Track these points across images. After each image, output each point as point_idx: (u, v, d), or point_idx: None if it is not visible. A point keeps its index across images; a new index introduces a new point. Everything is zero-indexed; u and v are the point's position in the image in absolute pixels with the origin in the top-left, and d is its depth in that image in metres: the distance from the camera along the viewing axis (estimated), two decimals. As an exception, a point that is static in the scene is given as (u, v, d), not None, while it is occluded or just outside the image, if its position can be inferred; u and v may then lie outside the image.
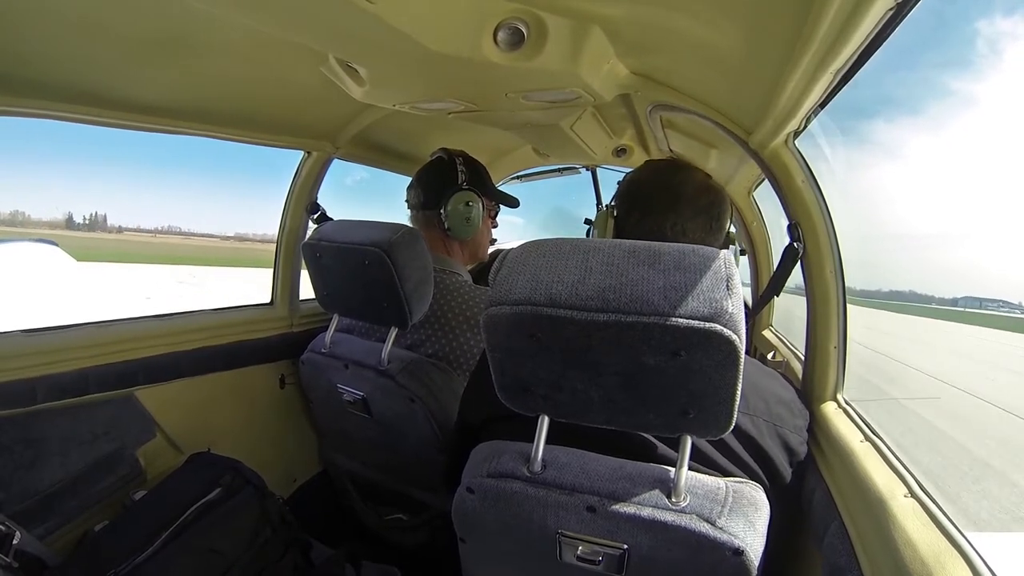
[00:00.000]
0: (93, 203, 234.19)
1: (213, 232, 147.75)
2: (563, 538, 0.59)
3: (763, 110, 0.73)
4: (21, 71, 0.82)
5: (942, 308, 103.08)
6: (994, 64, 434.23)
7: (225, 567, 0.91)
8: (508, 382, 0.60)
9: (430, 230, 1.28)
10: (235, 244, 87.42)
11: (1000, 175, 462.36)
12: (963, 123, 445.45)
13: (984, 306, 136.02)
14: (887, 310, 58.89)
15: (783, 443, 0.68)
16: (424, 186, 1.27)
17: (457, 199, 1.24)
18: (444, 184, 1.25)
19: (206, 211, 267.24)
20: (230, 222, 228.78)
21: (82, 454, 1.03)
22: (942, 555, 0.48)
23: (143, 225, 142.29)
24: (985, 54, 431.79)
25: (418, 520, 1.25)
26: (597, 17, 0.70)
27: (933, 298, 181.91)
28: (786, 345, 1.58)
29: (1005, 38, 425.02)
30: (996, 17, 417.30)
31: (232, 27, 0.77)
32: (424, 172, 1.29)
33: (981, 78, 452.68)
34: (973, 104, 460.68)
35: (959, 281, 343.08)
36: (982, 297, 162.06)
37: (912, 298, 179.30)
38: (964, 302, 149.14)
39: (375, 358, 1.07)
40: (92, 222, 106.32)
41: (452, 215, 1.24)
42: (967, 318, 49.54)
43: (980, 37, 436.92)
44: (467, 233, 1.28)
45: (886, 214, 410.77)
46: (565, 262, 0.55)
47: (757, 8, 0.57)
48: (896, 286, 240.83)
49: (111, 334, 1.10)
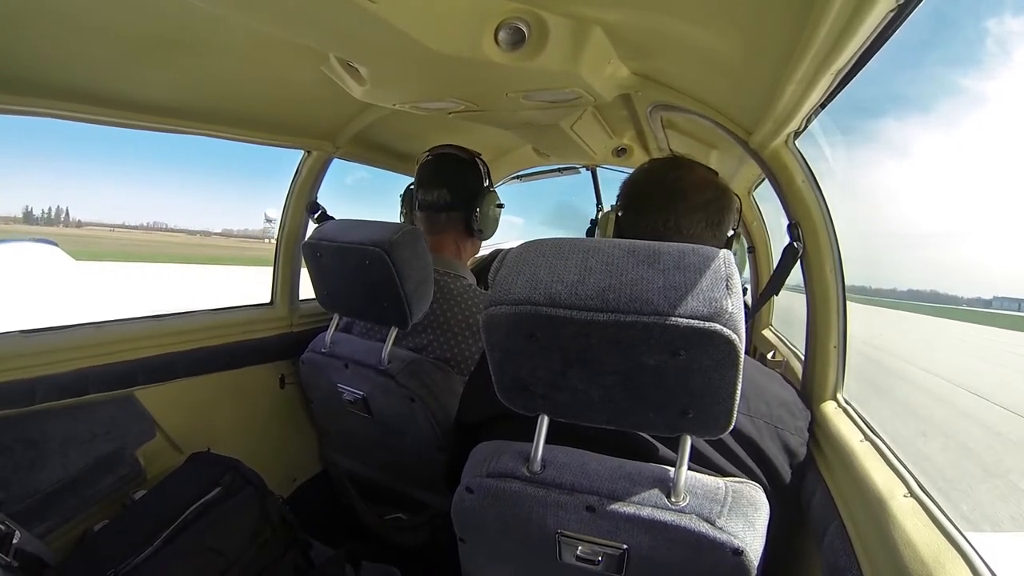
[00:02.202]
0: (56, 197, 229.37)
1: (180, 227, 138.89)
2: (562, 538, 0.59)
3: (763, 110, 0.73)
4: (21, 70, 0.82)
5: (973, 310, 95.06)
6: (998, 63, 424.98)
7: (225, 567, 0.91)
8: (507, 382, 0.60)
9: (448, 231, 1.26)
10: (200, 240, 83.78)
11: (1012, 171, 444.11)
12: (966, 122, 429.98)
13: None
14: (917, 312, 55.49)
15: (783, 445, 0.68)
16: (451, 186, 1.23)
17: (489, 200, 1.25)
18: (475, 185, 1.25)
19: (176, 206, 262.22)
20: (199, 218, 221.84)
21: (82, 454, 1.03)
22: (941, 555, 0.48)
23: (106, 220, 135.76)
24: (992, 52, 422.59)
25: (418, 520, 1.25)
26: (598, 18, 0.70)
27: (962, 299, 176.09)
28: (786, 344, 1.58)
29: (1011, 37, 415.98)
30: (996, 17, 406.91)
31: (232, 27, 0.77)
32: (447, 172, 1.25)
33: (987, 76, 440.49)
34: (980, 102, 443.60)
35: (980, 281, 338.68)
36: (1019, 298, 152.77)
37: (931, 298, 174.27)
38: (998, 303, 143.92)
39: (375, 357, 1.07)
40: (54, 217, 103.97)
41: (485, 217, 1.25)
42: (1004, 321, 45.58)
43: (988, 36, 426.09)
44: (492, 233, 1.30)
45: (886, 214, 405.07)
46: (564, 262, 0.55)
47: (758, 10, 0.57)
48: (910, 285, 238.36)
49: (110, 334, 1.10)
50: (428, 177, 1.25)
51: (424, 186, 1.25)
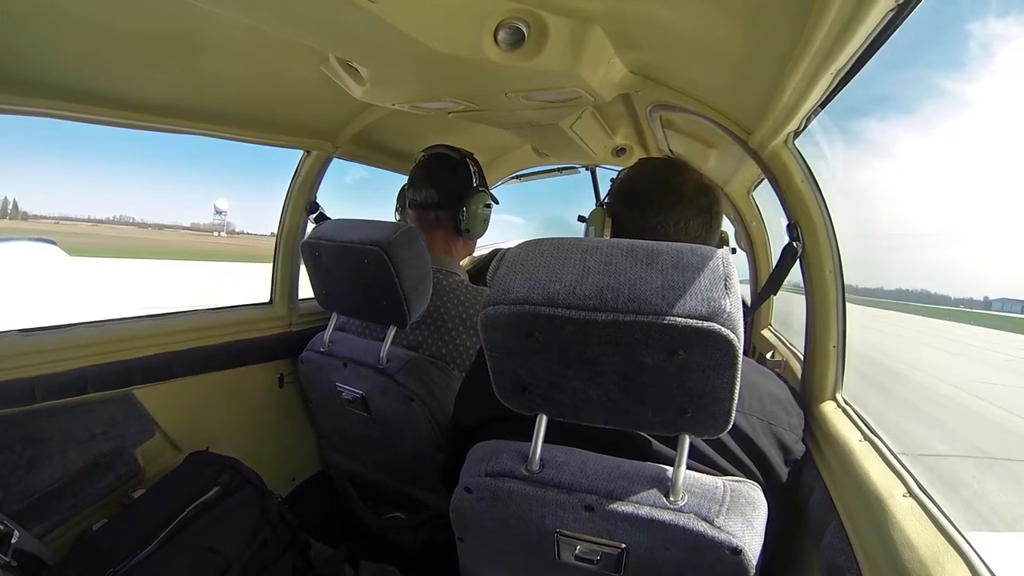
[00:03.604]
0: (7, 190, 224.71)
1: (132, 219, 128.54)
2: (561, 537, 0.59)
3: (763, 110, 0.73)
4: (21, 70, 0.82)
5: (975, 312, 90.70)
6: (990, 65, 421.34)
7: (224, 566, 0.91)
8: (506, 382, 0.60)
9: (437, 230, 1.27)
10: (152, 234, 76.13)
11: (1008, 172, 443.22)
12: (968, 121, 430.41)
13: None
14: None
15: (778, 441, 0.69)
16: (439, 186, 1.25)
17: (477, 200, 1.26)
18: (462, 185, 1.26)
19: (128, 200, 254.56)
20: (152, 209, 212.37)
21: (81, 453, 1.03)
22: (940, 555, 0.48)
23: (55, 213, 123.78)
24: (993, 52, 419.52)
25: (417, 519, 1.25)
26: (598, 17, 0.70)
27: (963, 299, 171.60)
28: (785, 344, 1.58)
29: (1010, 37, 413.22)
30: (998, 16, 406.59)
31: (232, 26, 0.77)
32: (436, 172, 1.27)
33: (975, 78, 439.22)
34: (979, 102, 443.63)
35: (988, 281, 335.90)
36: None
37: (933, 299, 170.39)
38: (999, 304, 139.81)
39: (374, 357, 1.07)
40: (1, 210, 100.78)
41: (472, 216, 1.26)
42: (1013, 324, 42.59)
43: (976, 37, 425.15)
44: (481, 233, 1.31)
45: (883, 213, 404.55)
46: (563, 261, 0.55)
47: (758, 9, 0.58)
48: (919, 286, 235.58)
49: (109, 333, 1.10)
50: (418, 177, 1.28)
51: (414, 185, 1.28)
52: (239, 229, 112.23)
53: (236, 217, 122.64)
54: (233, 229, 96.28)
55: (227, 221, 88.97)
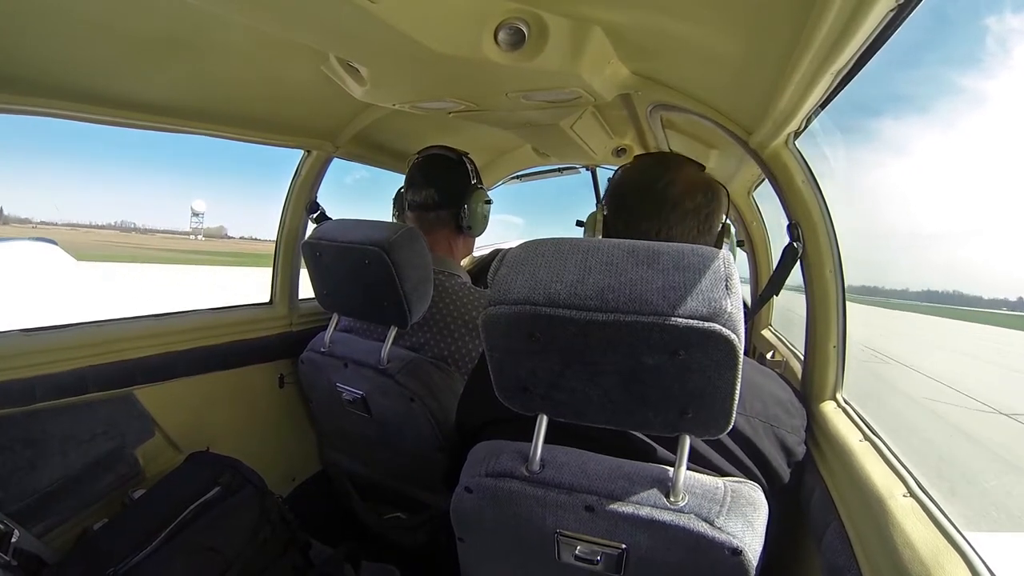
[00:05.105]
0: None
1: (86, 221, 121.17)
2: (561, 537, 0.59)
3: (763, 110, 0.73)
4: (22, 70, 0.82)
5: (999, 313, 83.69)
6: (1000, 62, 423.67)
7: (224, 566, 0.91)
8: (507, 382, 0.60)
9: (438, 230, 1.27)
10: (111, 236, 72.92)
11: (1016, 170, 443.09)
12: (970, 120, 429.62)
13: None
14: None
15: (780, 444, 0.68)
16: (438, 186, 1.26)
17: (476, 197, 1.27)
18: (462, 183, 1.26)
19: (104, 201, 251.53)
20: (112, 210, 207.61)
21: (81, 453, 1.03)
22: (941, 555, 0.48)
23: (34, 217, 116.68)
24: (992, 52, 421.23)
25: (417, 519, 1.25)
26: (598, 18, 0.70)
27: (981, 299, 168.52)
28: (785, 344, 1.58)
29: (1013, 36, 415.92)
30: (999, 16, 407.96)
31: (232, 27, 0.77)
32: (434, 172, 1.27)
33: (988, 76, 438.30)
34: (980, 102, 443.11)
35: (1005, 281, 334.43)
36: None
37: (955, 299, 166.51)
38: None
39: (375, 357, 1.07)
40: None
41: (473, 214, 1.27)
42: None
43: (987, 34, 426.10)
44: (482, 230, 1.32)
45: (885, 213, 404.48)
46: (564, 261, 0.55)
47: (758, 10, 0.57)
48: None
49: (110, 333, 1.10)
50: (416, 178, 1.28)
51: (413, 187, 1.28)
52: (232, 233, 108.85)
53: (213, 219, 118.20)
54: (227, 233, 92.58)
55: (204, 225, 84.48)
